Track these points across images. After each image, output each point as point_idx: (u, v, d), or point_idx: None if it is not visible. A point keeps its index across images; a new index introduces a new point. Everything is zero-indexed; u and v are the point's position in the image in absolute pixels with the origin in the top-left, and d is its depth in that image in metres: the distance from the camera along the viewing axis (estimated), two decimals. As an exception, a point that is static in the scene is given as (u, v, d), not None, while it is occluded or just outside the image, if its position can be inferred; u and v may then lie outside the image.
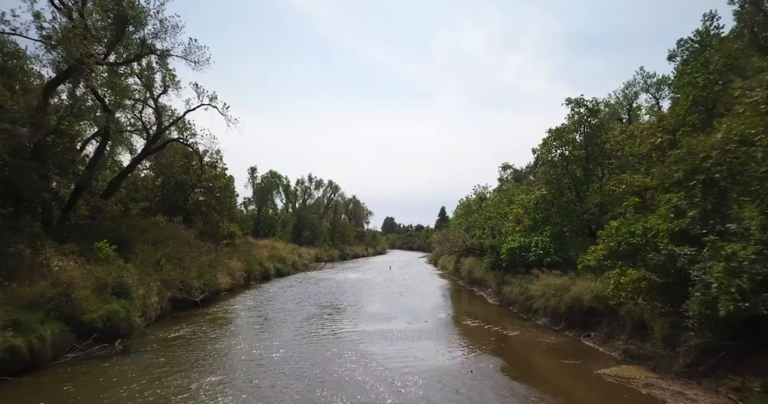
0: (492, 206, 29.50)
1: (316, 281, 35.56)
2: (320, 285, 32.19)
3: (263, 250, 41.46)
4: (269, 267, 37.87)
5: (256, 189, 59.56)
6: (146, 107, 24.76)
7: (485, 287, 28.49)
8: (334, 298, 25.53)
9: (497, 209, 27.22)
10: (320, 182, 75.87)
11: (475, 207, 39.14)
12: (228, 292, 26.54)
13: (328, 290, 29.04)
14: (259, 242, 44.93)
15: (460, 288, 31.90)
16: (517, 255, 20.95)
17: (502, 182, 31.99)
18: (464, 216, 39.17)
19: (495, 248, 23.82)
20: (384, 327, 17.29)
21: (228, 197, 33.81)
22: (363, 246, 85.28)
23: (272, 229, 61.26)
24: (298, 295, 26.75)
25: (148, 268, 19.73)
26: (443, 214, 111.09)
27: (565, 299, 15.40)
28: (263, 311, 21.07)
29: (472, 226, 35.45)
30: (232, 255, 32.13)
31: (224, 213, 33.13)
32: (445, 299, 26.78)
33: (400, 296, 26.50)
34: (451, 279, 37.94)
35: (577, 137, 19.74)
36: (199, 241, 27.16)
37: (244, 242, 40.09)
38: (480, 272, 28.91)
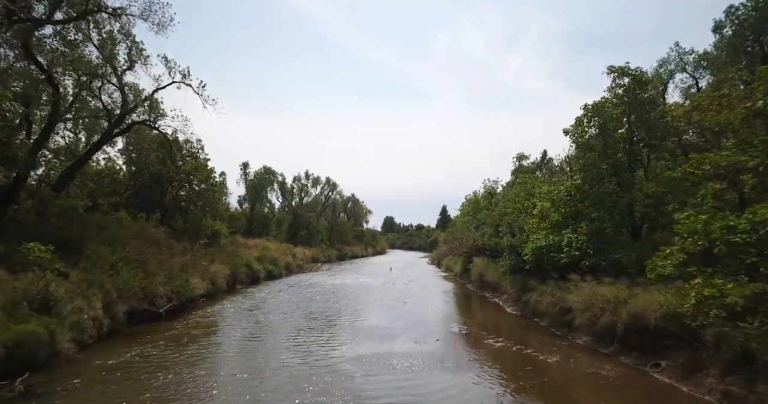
0: (507, 200, 25.84)
1: (309, 284, 31.92)
2: (313, 290, 28.55)
3: (253, 250, 37.82)
4: (258, 269, 34.23)
5: (248, 186, 55.87)
6: (108, 84, 21.08)
7: (499, 292, 24.86)
8: (327, 306, 21.87)
9: (514, 204, 23.57)
10: (317, 179, 72.21)
11: (484, 203, 35.49)
12: (207, 299, 22.90)
13: (321, 296, 25.39)
14: (249, 241, 41.29)
15: (469, 293, 28.26)
16: (545, 256, 17.32)
17: (517, 174, 28.41)
18: (472, 213, 35.52)
19: (515, 249, 20.18)
20: (385, 348, 13.65)
21: (210, 191, 30.12)
22: (362, 246, 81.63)
23: (266, 228, 57.61)
24: (287, 302, 23.10)
25: (100, 274, 16.11)
26: (444, 213, 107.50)
27: (622, 316, 11.73)
28: (240, 324, 17.43)
29: (482, 224, 31.79)
30: (214, 257, 28.50)
31: (206, 209, 29.42)
32: (456, 307, 23.13)
33: (403, 304, 22.86)
34: (457, 282, 34.30)
35: (620, 114, 16.03)
36: (172, 240, 23.49)
37: (231, 242, 36.50)
38: (494, 275, 25.27)
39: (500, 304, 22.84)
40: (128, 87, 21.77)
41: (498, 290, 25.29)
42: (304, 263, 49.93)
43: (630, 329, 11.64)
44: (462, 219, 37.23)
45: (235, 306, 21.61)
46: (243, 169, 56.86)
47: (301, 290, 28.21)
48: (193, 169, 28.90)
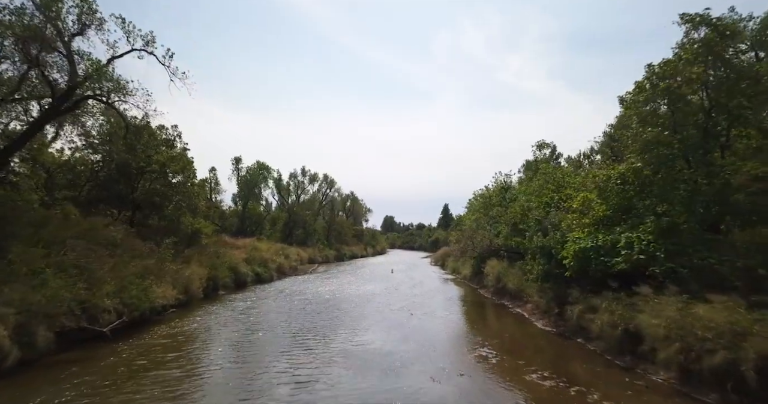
0: (530, 193, 21.98)
1: (301, 290, 28.05)
2: (305, 297, 24.68)
3: (241, 251, 33.94)
4: (245, 272, 30.34)
5: (240, 182, 51.98)
6: (53, 51, 17.19)
7: (521, 301, 21.01)
8: (320, 320, 18.02)
9: (540, 198, 19.70)
10: (315, 176, 68.37)
11: (497, 199, 31.63)
12: (177, 309, 19.09)
13: (313, 306, 21.52)
14: (238, 241, 37.44)
15: (483, 301, 24.39)
16: (592, 261, 13.46)
17: (537, 164, 24.58)
18: (483, 210, 31.66)
19: (547, 250, 16.32)
20: (390, 386, 9.80)
21: (189, 185, 26.22)
22: (361, 246, 77.75)
23: (259, 227, 53.74)
24: (272, 314, 19.25)
25: (21, 284, 12.27)
26: (447, 212, 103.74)
27: (747, 354, 7.87)
28: (207, 346, 13.59)
29: (497, 221, 27.94)
30: (191, 259, 24.65)
31: (182, 205, 25.53)
32: (473, 320, 19.26)
33: (410, 316, 19.02)
34: (467, 287, 30.43)
35: (701, 74, 12.09)
36: (136, 241, 19.61)
37: (215, 242, 32.67)
38: (515, 281, 21.42)
39: (525, 316, 18.97)
40: (79, 56, 17.86)
41: (519, 298, 21.43)
42: (298, 264, 46.05)
43: (764, 372, 7.75)
44: (472, 217, 33.38)
45: (209, 320, 17.72)
46: (235, 164, 53.01)
47: (291, 298, 24.32)
48: (168, 159, 25.01)
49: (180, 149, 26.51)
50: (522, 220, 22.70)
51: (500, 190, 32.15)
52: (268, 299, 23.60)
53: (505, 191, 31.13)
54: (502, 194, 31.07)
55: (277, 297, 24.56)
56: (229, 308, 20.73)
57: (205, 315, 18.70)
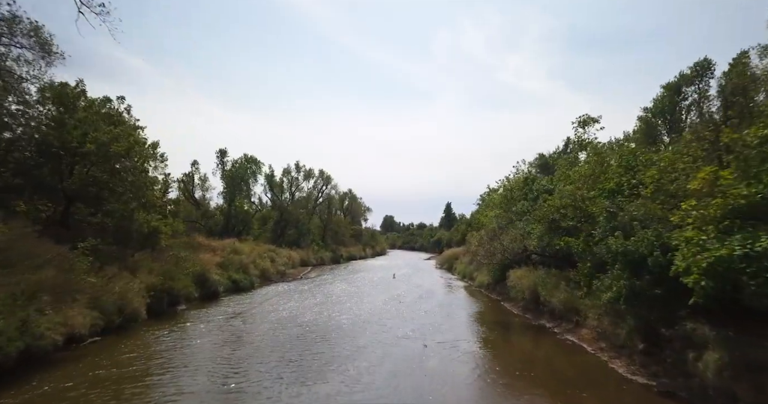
0: (578, 179, 16.31)
1: (285, 302, 22.34)
2: (286, 313, 18.98)
3: (216, 254, 28.26)
4: (218, 280, 24.63)
5: (225, 177, 46.18)
6: None
7: (571, 323, 15.40)
8: (296, 360, 12.32)
9: (604, 183, 14.02)
10: (310, 172, 62.60)
11: (519, 193, 26.00)
12: (99, 339, 13.48)
13: (292, 330, 15.84)
14: (215, 242, 31.72)
15: (513, 320, 18.71)
16: (746, 280, 7.76)
17: (581, 144, 19.02)
18: (505, 205, 26.03)
19: (635, 257, 10.60)
20: None
21: (139, 172, 20.48)
22: (360, 247, 71.99)
23: (246, 226, 47.97)
24: (228, 347, 13.54)
25: None
26: (449, 211, 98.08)
27: None
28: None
29: (521, 219, 22.30)
30: (140, 266, 18.99)
31: (129, 197, 19.77)
32: (516, 359, 13.45)
33: (424, 348, 13.35)
34: (486, 298, 24.75)
35: None
36: (35, 243, 13.84)
37: (185, 243, 27.00)
38: (562, 296, 15.74)
39: (586, 349, 13.28)
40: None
41: (567, 319, 15.77)
42: (288, 268, 40.36)
43: None
44: (490, 213, 27.72)
45: (131, 360, 11.98)
46: (219, 157, 47.17)
47: (267, 316, 18.60)
48: (112, 139, 19.24)
49: (131, 128, 20.75)
50: (566, 215, 17.03)
51: (522, 182, 26.49)
52: (234, 320, 17.87)
53: (531, 182, 25.45)
54: (528, 185, 25.40)
55: (249, 315, 18.83)
56: (177, 336, 14.99)
57: (134, 348, 12.97)
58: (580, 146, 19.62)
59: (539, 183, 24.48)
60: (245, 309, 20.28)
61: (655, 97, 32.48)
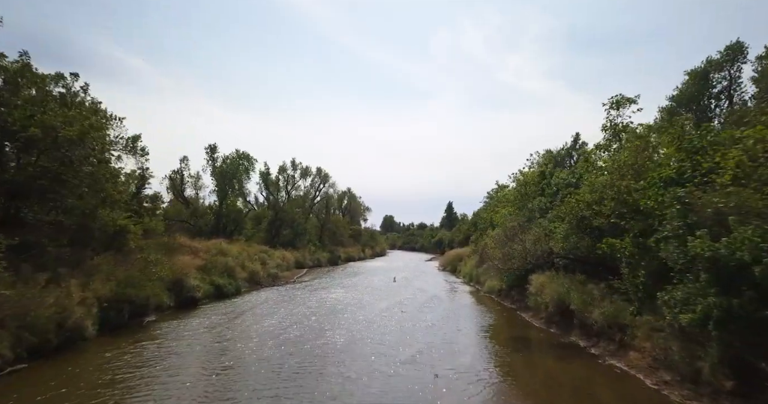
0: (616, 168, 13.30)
1: (271, 311, 19.34)
2: (270, 326, 16.00)
3: (197, 257, 25.28)
4: (197, 286, 21.64)
5: (215, 173, 43.14)
6: None
7: (613, 344, 12.46)
8: (271, 393, 9.34)
9: (659, 171, 10.99)
10: (307, 170, 59.58)
11: (534, 189, 23.05)
12: (32, 361, 10.59)
13: (272, 352, 12.85)
14: (198, 243, 28.73)
15: (537, 336, 15.71)
16: None
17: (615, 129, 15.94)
18: (517, 202, 23.07)
19: (727, 264, 7.62)
20: None
21: (98, 161, 17.48)
22: (359, 247, 68.96)
23: (238, 226, 44.99)
24: (189, 375, 10.54)
25: None
26: (450, 211, 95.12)
27: None
28: None
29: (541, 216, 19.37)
30: (96, 271, 16.03)
31: (83, 190, 16.75)
32: (562, 396, 10.42)
33: (435, 379, 10.37)
34: (500, 306, 21.77)
35: None
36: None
37: (164, 244, 24.04)
38: (605, 310, 12.77)
39: (640, 379, 10.30)
40: None
41: (605, 337, 12.81)
42: (281, 270, 37.36)
43: None
44: (502, 211, 24.74)
45: (49, 400, 8.98)
46: (209, 153, 44.11)
47: (242, 333, 15.58)
48: (65, 123, 16.21)
49: (88, 111, 17.73)
50: (599, 212, 14.08)
51: (539, 175, 23.52)
52: (206, 335, 14.86)
53: (549, 176, 22.48)
54: (545, 179, 22.43)
55: (222, 331, 15.81)
56: (126, 358, 11.99)
57: (59, 382, 9.95)
58: (614, 130, 16.64)
59: (558, 177, 21.51)
60: (222, 321, 17.28)
61: (680, 86, 29.62)
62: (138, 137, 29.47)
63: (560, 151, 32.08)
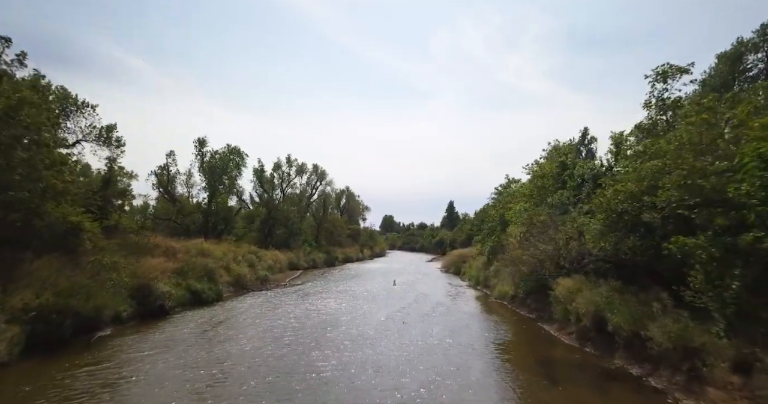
0: (675, 148, 10.36)
1: (250, 324, 16.37)
2: (245, 345, 13.03)
3: (172, 259, 22.29)
4: (168, 292, 18.63)
5: (204, 169, 40.09)
6: None
7: (687, 376, 9.47)
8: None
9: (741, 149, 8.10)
10: (303, 167, 56.55)
11: (554, 179, 20.14)
12: None
13: (237, 388, 9.86)
14: (177, 243, 25.75)
15: (568, 357, 12.74)
16: None
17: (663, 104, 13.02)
18: (534, 197, 20.13)
19: None
20: None
21: (33, 144, 14.43)
22: (357, 248, 65.95)
23: (229, 225, 42.01)
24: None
25: None
26: (452, 210, 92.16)
27: None
28: None
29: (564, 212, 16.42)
30: (31, 277, 13.07)
31: (16, 180, 13.72)
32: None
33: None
34: (516, 316, 18.82)
35: None
36: None
37: (136, 244, 21.12)
38: (670, 329, 9.77)
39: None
40: None
41: (668, 364, 9.84)
42: (273, 272, 34.42)
43: None
44: (515, 207, 21.80)
45: None
46: (198, 147, 41.05)
47: (208, 356, 12.58)
48: (6, 107, 13.18)
49: (26, 84, 14.68)
50: (649, 204, 11.16)
51: (559, 166, 20.58)
52: (163, 356, 11.87)
53: (572, 166, 19.54)
54: (568, 171, 19.49)
55: (184, 351, 12.82)
56: (49, 392, 9.00)
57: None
58: (662, 105, 13.70)
59: (584, 167, 18.56)
60: (188, 336, 14.30)
61: (709, 70, 26.72)
62: (113, 126, 26.61)
63: (570, 144, 29.10)
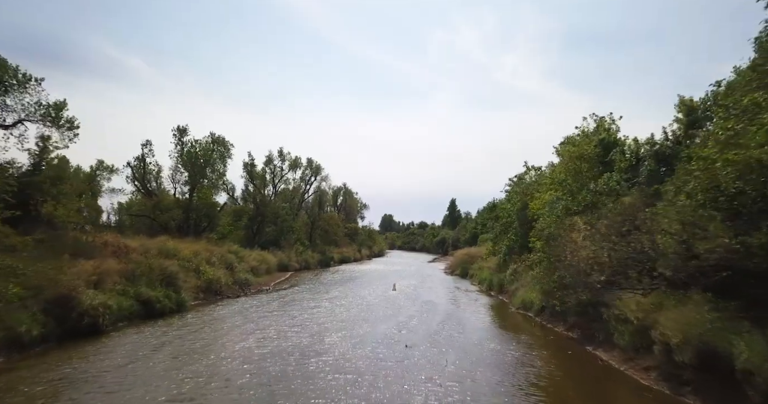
0: None
1: (208, 346, 11.97)
2: (186, 383, 8.68)
3: (126, 260, 17.92)
4: (99, 304, 14.17)
5: (183, 159, 35.63)
6: None
7: None
8: None
9: None
10: (296, 161, 52.15)
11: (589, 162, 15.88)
12: None
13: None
14: (135, 241, 21.39)
15: None
16: None
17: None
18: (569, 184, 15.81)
19: None
20: None
21: None
22: (355, 247, 61.57)
23: (212, 222, 37.63)
24: None
25: None
26: (453, 208, 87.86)
27: None
28: None
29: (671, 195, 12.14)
30: None
31: None
32: None
33: None
34: (553, 335, 14.54)
35: None
36: None
37: (73, 241, 16.83)
38: None
39: None
40: None
41: None
42: (259, 275, 30.10)
43: None
44: (544, 197, 17.49)
45: None
46: (178, 136, 36.55)
47: (131, 400, 8.18)
48: None
49: None
50: None
51: (598, 144, 16.29)
52: None
53: (620, 144, 15.24)
54: (617, 149, 15.18)
55: (91, 397, 8.43)
56: None
57: None
58: None
59: (635, 146, 14.23)
60: (112, 368, 9.90)
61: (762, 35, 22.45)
62: (62, 104, 22.38)
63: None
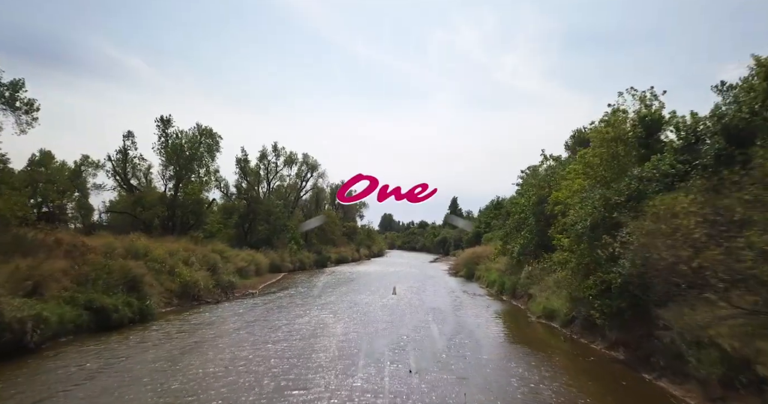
0: None
1: (160, 372, 9.20)
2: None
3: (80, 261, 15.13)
4: (32, 316, 11.37)
5: (167, 151, 32.80)
6: None
7: None
8: None
9: None
10: (291, 157, 49.43)
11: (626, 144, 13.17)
12: None
13: None
14: (97, 240, 18.62)
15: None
16: None
17: None
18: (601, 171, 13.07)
19: None
20: None
21: None
22: (353, 247, 58.79)
23: (199, 219, 34.84)
24: None
25: None
26: (455, 207, 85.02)
27: None
28: None
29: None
30: None
31: None
32: None
33: None
34: (590, 353, 11.76)
35: None
36: None
37: (21, 239, 14.08)
38: None
39: None
40: None
41: None
42: (245, 277, 27.28)
43: None
44: (574, 186, 14.74)
45: None
46: (161, 127, 33.67)
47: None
48: None
49: None
50: None
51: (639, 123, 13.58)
52: None
53: (667, 120, 12.51)
54: (663, 128, 12.45)
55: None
56: None
57: None
58: None
59: (693, 121, 11.48)
60: None
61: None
62: (19, 83, 19.76)
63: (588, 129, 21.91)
